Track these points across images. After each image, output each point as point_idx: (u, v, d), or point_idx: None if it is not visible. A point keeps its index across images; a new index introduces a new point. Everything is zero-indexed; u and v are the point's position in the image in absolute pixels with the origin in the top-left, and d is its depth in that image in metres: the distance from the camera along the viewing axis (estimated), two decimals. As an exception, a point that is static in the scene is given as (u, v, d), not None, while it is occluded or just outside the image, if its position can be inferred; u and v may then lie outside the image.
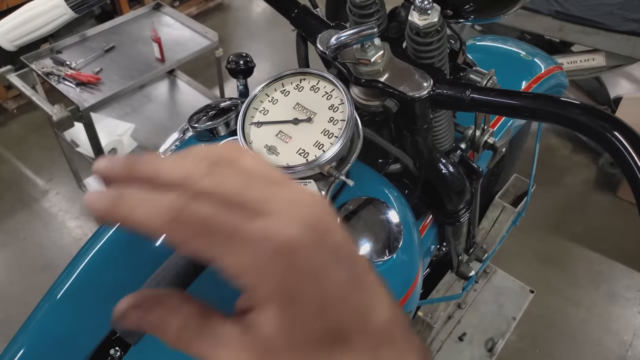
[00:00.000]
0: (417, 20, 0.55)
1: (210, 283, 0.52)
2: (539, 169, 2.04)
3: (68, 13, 0.67)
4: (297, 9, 0.67)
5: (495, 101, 0.53)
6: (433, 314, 1.35)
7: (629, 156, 0.42)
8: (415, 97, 0.56)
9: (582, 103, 0.48)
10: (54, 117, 1.62)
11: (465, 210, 0.78)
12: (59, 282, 0.59)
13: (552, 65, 1.04)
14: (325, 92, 0.58)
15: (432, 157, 0.69)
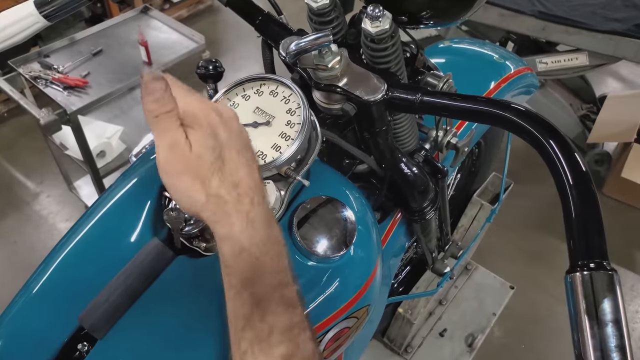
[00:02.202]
0: (369, 28, 0.58)
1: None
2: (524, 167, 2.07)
3: (41, 21, 0.69)
4: (261, 16, 0.70)
5: (443, 104, 0.55)
6: (413, 311, 1.38)
7: (555, 158, 0.45)
8: (370, 100, 0.59)
9: (525, 109, 0.50)
10: (42, 121, 1.63)
11: (430, 208, 0.81)
12: (31, 279, 0.61)
13: (522, 67, 1.07)
14: (283, 96, 0.61)
15: (394, 158, 0.72)
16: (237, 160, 0.45)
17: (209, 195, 0.43)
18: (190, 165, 0.43)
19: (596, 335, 0.37)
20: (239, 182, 0.44)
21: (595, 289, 0.39)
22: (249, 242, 0.44)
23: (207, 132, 0.44)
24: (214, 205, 0.44)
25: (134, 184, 0.63)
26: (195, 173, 0.43)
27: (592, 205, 0.43)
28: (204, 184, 0.43)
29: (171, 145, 0.43)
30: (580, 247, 0.41)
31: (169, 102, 0.42)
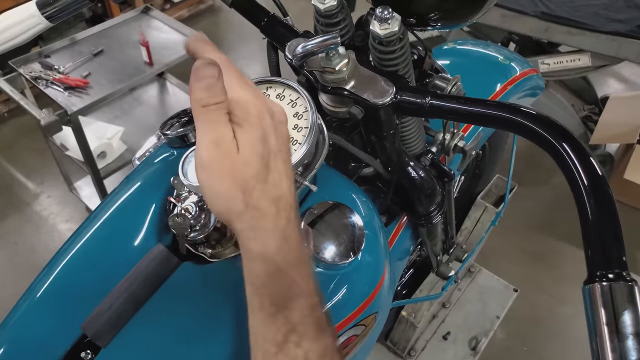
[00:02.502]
0: (378, 30, 0.57)
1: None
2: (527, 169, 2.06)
3: (43, 22, 0.68)
4: (266, 17, 0.69)
5: (453, 108, 0.54)
6: (417, 314, 1.37)
7: (572, 165, 0.44)
8: (378, 104, 0.58)
9: (537, 112, 0.49)
10: (42, 122, 1.63)
11: (437, 212, 0.80)
12: (34, 285, 0.60)
13: (527, 68, 1.06)
14: (290, 99, 0.59)
15: (401, 161, 0.71)
16: (282, 171, 0.41)
17: (248, 206, 0.40)
18: (235, 169, 0.39)
19: (616, 348, 0.36)
20: (280, 196, 0.41)
21: (615, 301, 0.38)
22: (284, 262, 0.41)
23: (257, 135, 0.40)
24: (252, 218, 0.40)
25: (137, 188, 0.62)
26: (238, 179, 0.39)
27: (609, 213, 0.42)
28: (245, 193, 0.39)
29: (217, 142, 0.39)
30: (599, 257, 0.40)
31: (220, 92, 0.39)
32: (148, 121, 2.18)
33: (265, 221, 0.40)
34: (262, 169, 0.40)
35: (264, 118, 0.41)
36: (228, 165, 0.39)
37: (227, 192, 0.39)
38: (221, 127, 0.39)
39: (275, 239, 0.40)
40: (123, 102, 2.24)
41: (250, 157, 0.40)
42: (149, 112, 2.23)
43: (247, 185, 0.39)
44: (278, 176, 0.41)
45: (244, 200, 0.39)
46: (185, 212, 0.54)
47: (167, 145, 0.67)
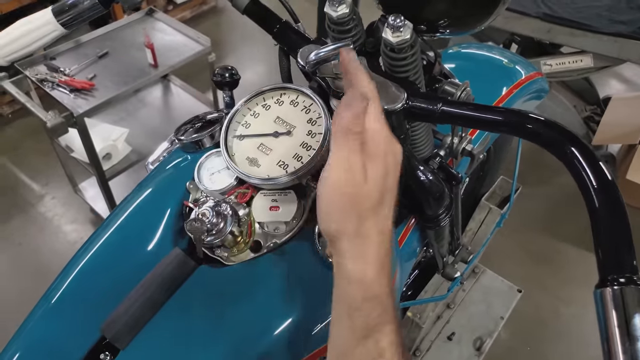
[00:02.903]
0: (390, 37, 0.58)
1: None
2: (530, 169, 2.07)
3: (58, 29, 0.69)
4: (279, 24, 0.70)
5: (463, 114, 0.55)
6: (422, 314, 1.38)
7: (582, 170, 0.45)
8: (390, 110, 0.59)
9: (546, 118, 0.50)
10: (48, 124, 1.63)
11: (445, 215, 0.81)
12: (51, 290, 0.61)
13: (532, 72, 1.07)
14: (304, 106, 0.61)
15: (410, 165, 0.72)
16: (391, 205, 0.46)
17: (359, 232, 0.44)
18: (358, 197, 0.44)
19: (628, 351, 0.38)
20: (384, 228, 0.45)
21: (626, 304, 0.39)
22: (380, 289, 0.44)
23: (382, 172, 0.45)
24: (359, 244, 0.44)
25: (153, 193, 0.64)
26: (357, 206, 0.44)
27: (620, 218, 0.43)
28: (360, 219, 0.44)
29: (348, 167, 0.44)
30: (611, 262, 0.41)
31: (363, 123, 0.45)
32: (153, 123, 2.19)
33: (370, 249, 0.44)
34: (378, 203, 0.45)
35: (389, 155, 0.46)
36: (352, 192, 0.44)
37: (344, 214, 0.44)
38: (356, 156, 0.44)
39: (375, 266, 0.44)
40: (128, 104, 2.25)
41: (373, 189, 0.44)
42: (153, 113, 2.24)
43: (363, 214, 0.44)
44: (388, 210, 0.46)
45: (357, 226, 0.44)
46: (203, 216, 0.55)
47: (181, 150, 0.68)
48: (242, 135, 0.61)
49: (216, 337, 0.55)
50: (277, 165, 0.58)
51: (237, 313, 0.56)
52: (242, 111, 0.62)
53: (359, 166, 0.44)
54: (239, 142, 0.61)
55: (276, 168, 0.58)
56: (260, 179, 0.58)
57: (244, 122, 0.62)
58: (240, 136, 0.61)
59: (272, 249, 0.60)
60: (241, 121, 0.62)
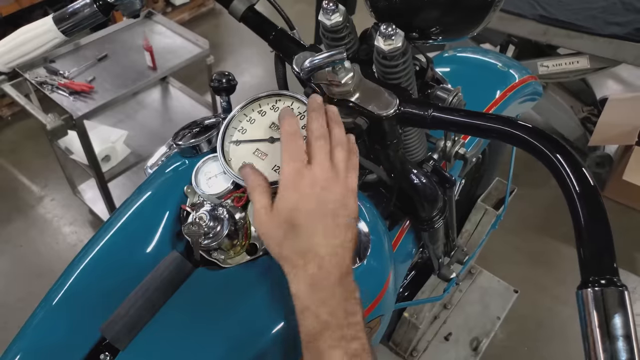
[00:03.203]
0: (382, 45, 0.59)
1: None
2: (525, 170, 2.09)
3: (59, 37, 0.71)
4: (274, 31, 0.71)
5: (454, 120, 0.57)
6: (419, 315, 1.39)
7: (566, 176, 0.47)
8: (382, 115, 0.61)
9: (533, 126, 0.52)
10: (48, 126, 1.65)
11: (439, 217, 0.82)
12: (52, 291, 0.63)
13: (526, 75, 1.09)
14: (298, 112, 0.62)
15: (404, 168, 0.73)
16: (311, 228, 0.50)
17: (281, 255, 0.51)
18: (272, 226, 0.51)
19: (608, 349, 0.39)
20: (307, 251, 0.50)
21: (607, 305, 0.40)
22: (310, 302, 0.49)
23: (292, 201, 0.51)
24: (285, 265, 0.51)
25: (151, 196, 0.65)
26: (274, 234, 0.51)
27: (601, 222, 0.44)
28: (280, 245, 0.51)
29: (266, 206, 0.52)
30: (592, 264, 0.42)
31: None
32: (151, 125, 2.20)
33: (296, 270, 0.50)
34: (290, 229, 0.50)
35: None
36: (268, 220, 0.51)
37: (271, 240, 0.52)
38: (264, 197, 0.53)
39: (304, 284, 0.49)
40: (126, 106, 2.26)
41: (280, 219, 0.51)
42: (152, 116, 2.25)
43: (279, 240, 0.51)
44: (308, 233, 0.50)
45: (279, 250, 0.51)
46: (200, 220, 0.57)
47: (179, 154, 0.70)
48: (238, 141, 0.62)
49: (213, 338, 0.57)
50: (273, 170, 0.60)
51: (233, 314, 0.57)
52: (238, 117, 0.64)
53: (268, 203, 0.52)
54: (235, 148, 0.62)
55: (272, 173, 0.60)
56: None
57: (240, 127, 0.63)
58: (237, 141, 0.62)
59: (267, 251, 0.61)
60: (237, 127, 0.63)
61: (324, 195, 0.51)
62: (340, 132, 0.55)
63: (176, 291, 0.58)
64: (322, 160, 0.52)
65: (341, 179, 0.52)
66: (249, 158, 0.61)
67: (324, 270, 0.49)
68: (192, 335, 0.57)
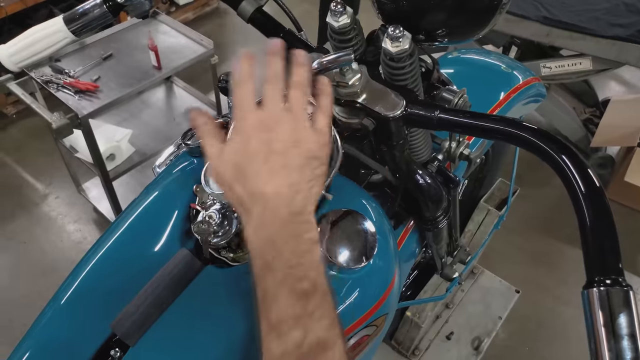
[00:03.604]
0: (389, 47, 0.60)
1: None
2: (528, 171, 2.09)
3: (69, 37, 0.72)
4: (282, 33, 0.72)
5: (460, 122, 0.57)
6: (421, 314, 1.40)
7: (571, 176, 0.47)
8: (389, 116, 0.61)
9: (538, 128, 0.52)
10: (54, 125, 1.65)
11: (443, 217, 0.83)
12: (62, 288, 0.64)
13: (530, 77, 1.09)
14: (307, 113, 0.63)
15: (409, 169, 0.74)
16: (256, 170, 0.50)
17: (233, 199, 0.50)
18: (222, 170, 0.51)
19: (613, 348, 0.40)
20: (253, 192, 0.49)
21: (612, 305, 0.41)
22: (256, 243, 0.49)
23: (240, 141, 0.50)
24: (238, 209, 0.50)
25: (160, 195, 0.66)
26: (225, 178, 0.50)
27: (606, 222, 0.45)
28: (231, 188, 0.50)
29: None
30: (597, 264, 0.43)
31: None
32: (156, 124, 2.21)
33: (242, 209, 0.50)
34: (238, 173, 0.50)
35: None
36: (218, 164, 0.51)
37: (221, 187, 0.52)
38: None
39: (250, 223, 0.49)
40: (131, 105, 2.27)
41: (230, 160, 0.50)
42: (156, 115, 2.26)
43: (230, 183, 0.50)
44: (253, 174, 0.49)
45: (230, 195, 0.50)
46: (209, 219, 0.58)
47: (187, 154, 0.71)
48: None
49: (222, 335, 0.58)
50: None
51: (241, 311, 0.58)
52: None
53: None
54: None
55: None
56: None
57: (249, 127, 0.64)
58: None
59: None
60: (246, 127, 0.64)
61: (269, 136, 0.50)
62: (298, 74, 0.54)
63: (185, 289, 0.59)
64: (269, 102, 0.51)
65: (293, 118, 0.51)
66: None
67: (269, 211, 0.48)
68: (200, 332, 0.58)
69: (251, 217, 0.49)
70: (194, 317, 0.59)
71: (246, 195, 0.49)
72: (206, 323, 0.58)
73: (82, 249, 2.15)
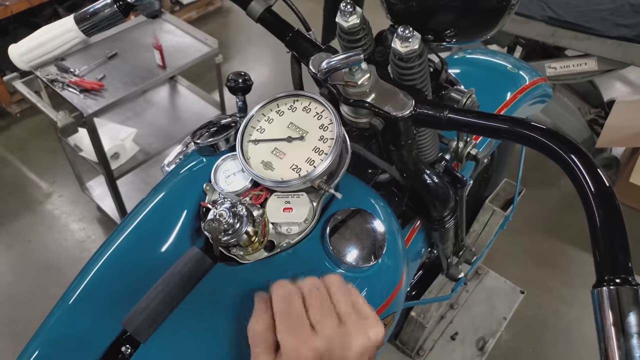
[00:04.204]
0: (399, 47, 0.60)
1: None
2: (533, 171, 2.09)
3: (80, 36, 0.72)
4: (291, 32, 0.72)
5: (469, 122, 0.58)
6: (426, 314, 1.40)
7: (581, 176, 0.47)
8: (398, 116, 0.62)
9: (547, 127, 0.53)
10: (59, 124, 1.66)
11: (450, 217, 0.83)
12: (72, 287, 0.64)
13: (536, 77, 1.10)
14: (316, 112, 0.63)
15: (417, 169, 0.74)
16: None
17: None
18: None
19: (622, 346, 0.40)
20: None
21: (622, 303, 0.41)
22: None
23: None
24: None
25: (171, 193, 0.66)
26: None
27: (617, 222, 0.45)
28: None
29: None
30: (607, 263, 0.43)
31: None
32: (160, 123, 2.22)
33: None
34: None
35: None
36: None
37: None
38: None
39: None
40: (135, 104, 2.28)
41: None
42: (160, 114, 2.27)
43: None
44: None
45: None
46: (220, 217, 0.58)
47: (196, 153, 0.71)
48: (257, 140, 0.64)
49: (231, 333, 0.58)
50: (290, 168, 0.61)
51: (251, 309, 0.58)
52: (256, 117, 0.65)
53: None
54: (254, 147, 0.63)
55: (289, 171, 0.61)
56: (274, 181, 0.61)
57: (259, 127, 0.65)
58: (255, 141, 0.64)
59: (285, 248, 0.63)
60: (256, 126, 0.65)
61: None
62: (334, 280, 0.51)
63: (196, 286, 0.59)
64: (327, 325, 0.47)
65: (354, 333, 0.48)
66: (268, 157, 0.62)
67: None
68: (210, 329, 0.58)
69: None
70: (204, 314, 0.59)
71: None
72: (216, 320, 0.58)
73: (85, 248, 2.16)
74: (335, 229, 0.62)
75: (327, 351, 0.46)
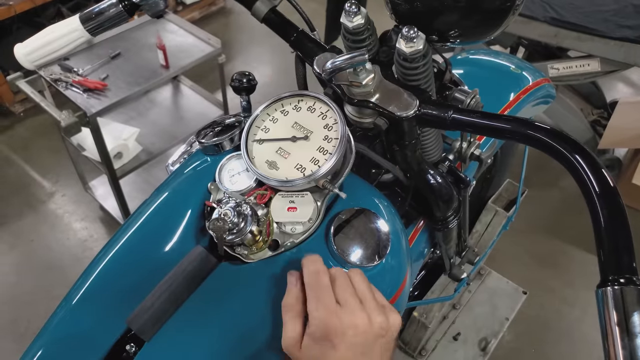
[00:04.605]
0: (404, 48, 0.60)
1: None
2: (535, 172, 2.09)
3: (85, 36, 0.72)
4: (295, 33, 0.73)
5: (474, 122, 0.58)
6: (428, 315, 1.40)
7: (585, 176, 0.47)
8: (402, 116, 0.62)
9: (551, 127, 0.53)
10: (62, 123, 1.67)
11: (454, 217, 0.83)
12: (77, 285, 0.64)
13: (539, 78, 1.10)
14: (320, 112, 0.63)
15: (421, 169, 0.74)
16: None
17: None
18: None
19: (627, 346, 0.40)
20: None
21: (626, 303, 0.41)
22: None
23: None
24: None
25: (176, 192, 0.66)
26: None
27: (621, 222, 0.45)
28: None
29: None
30: (611, 263, 0.44)
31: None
32: (162, 123, 2.22)
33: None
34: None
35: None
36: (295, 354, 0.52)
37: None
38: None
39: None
40: (138, 104, 2.28)
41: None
42: (163, 113, 2.27)
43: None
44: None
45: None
46: (225, 216, 0.58)
47: (201, 152, 0.71)
48: (261, 140, 0.64)
49: (236, 331, 0.58)
50: (295, 168, 0.61)
51: (256, 308, 0.58)
52: (261, 116, 0.65)
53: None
54: (259, 146, 0.64)
55: (294, 171, 0.61)
56: (278, 181, 0.61)
57: (264, 127, 0.65)
58: (260, 140, 0.64)
59: (289, 247, 0.63)
60: (260, 126, 0.65)
61: (354, 341, 0.51)
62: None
63: (200, 285, 0.60)
64: (351, 302, 0.52)
65: (373, 317, 0.52)
66: (272, 156, 0.63)
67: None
68: (215, 328, 0.59)
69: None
70: (208, 313, 0.59)
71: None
72: (221, 319, 0.59)
73: (88, 247, 2.16)
74: (340, 229, 0.63)
75: (350, 322, 0.50)
